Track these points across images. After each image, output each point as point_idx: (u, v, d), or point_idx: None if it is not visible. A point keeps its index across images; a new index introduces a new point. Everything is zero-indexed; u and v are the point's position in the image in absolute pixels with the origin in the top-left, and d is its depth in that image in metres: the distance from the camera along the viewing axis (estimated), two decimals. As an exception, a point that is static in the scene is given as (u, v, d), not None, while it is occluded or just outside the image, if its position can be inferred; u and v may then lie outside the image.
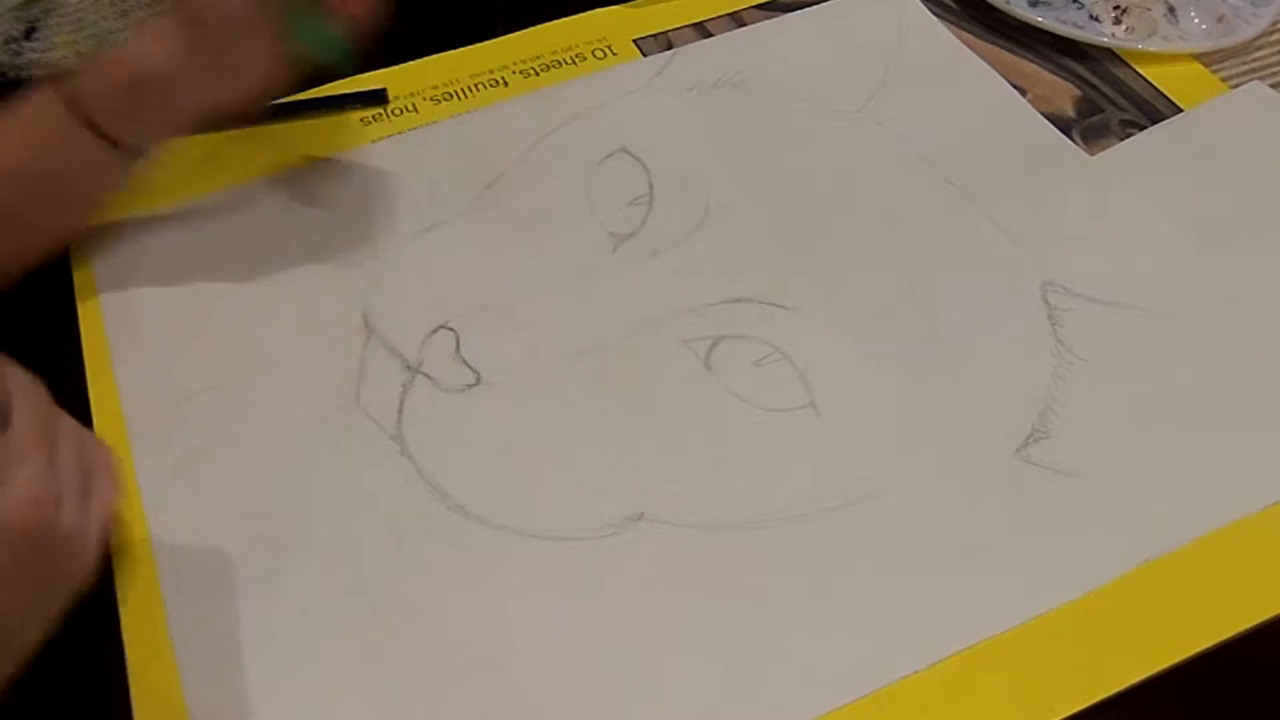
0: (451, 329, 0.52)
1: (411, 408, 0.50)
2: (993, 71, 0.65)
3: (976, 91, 0.64)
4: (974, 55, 0.66)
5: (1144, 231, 0.57)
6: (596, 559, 0.45)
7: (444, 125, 0.62)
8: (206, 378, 0.51)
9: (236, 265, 0.55)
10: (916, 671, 0.42)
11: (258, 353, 0.52)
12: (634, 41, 0.67)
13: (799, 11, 0.69)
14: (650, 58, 0.66)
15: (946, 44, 0.67)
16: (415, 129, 0.62)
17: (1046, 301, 0.54)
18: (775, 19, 0.68)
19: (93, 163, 0.51)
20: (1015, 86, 0.64)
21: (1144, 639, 0.43)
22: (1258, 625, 0.44)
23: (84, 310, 0.54)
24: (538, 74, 0.65)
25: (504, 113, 0.63)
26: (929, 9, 0.69)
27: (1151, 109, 0.63)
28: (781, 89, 0.64)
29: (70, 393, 0.51)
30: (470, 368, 0.51)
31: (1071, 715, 0.41)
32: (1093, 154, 0.61)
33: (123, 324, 0.53)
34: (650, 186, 0.59)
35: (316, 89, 0.64)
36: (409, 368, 0.51)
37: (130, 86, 0.50)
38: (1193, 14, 0.67)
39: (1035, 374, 0.51)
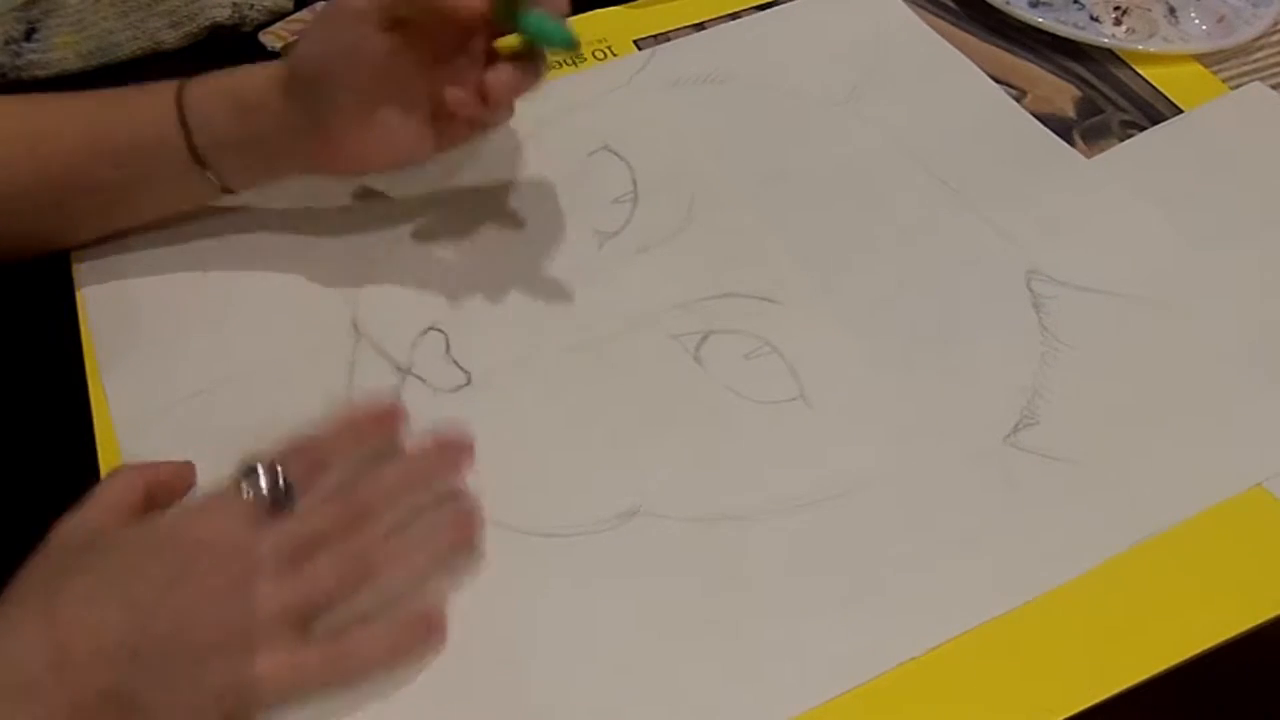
0: (441, 330, 0.52)
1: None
2: (972, 65, 0.65)
3: (956, 85, 0.64)
4: (954, 50, 0.66)
5: (1126, 220, 0.57)
6: (593, 554, 0.45)
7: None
8: (197, 381, 0.51)
9: (226, 269, 0.55)
10: (912, 658, 0.42)
11: (248, 356, 0.52)
12: (634, 42, 0.67)
13: (779, 6, 0.69)
14: (632, 55, 0.66)
15: (926, 39, 0.67)
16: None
17: (1030, 289, 0.54)
18: (754, 15, 0.68)
19: (186, 183, 0.52)
20: (1015, 87, 0.64)
21: (1144, 638, 0.43)
22: (1258, 625, 0.43)
23: (83, 312, 0.54)
24: (536, 74, 0.65)
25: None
26: (921, 6, 0.69)
27: (1152, 110, 0.63)
28: (764, 83, 0.64)
29: (70, 393, 0.51)
30: (461, 368, 0.51)
31: (1072, 716, 0.41)
32: (1093, 155, 0.60)
33: (114, 327, 0.53)
34: (634, 184, 0.59)
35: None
36: (400, 369, 0.51)
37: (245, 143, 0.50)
38: (1193, 15, 0.66)
39: (1022, 361, 0.51)
